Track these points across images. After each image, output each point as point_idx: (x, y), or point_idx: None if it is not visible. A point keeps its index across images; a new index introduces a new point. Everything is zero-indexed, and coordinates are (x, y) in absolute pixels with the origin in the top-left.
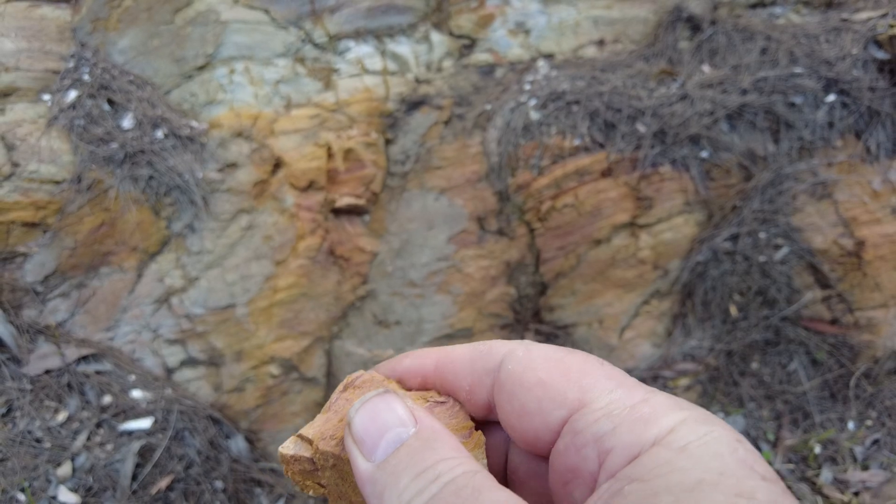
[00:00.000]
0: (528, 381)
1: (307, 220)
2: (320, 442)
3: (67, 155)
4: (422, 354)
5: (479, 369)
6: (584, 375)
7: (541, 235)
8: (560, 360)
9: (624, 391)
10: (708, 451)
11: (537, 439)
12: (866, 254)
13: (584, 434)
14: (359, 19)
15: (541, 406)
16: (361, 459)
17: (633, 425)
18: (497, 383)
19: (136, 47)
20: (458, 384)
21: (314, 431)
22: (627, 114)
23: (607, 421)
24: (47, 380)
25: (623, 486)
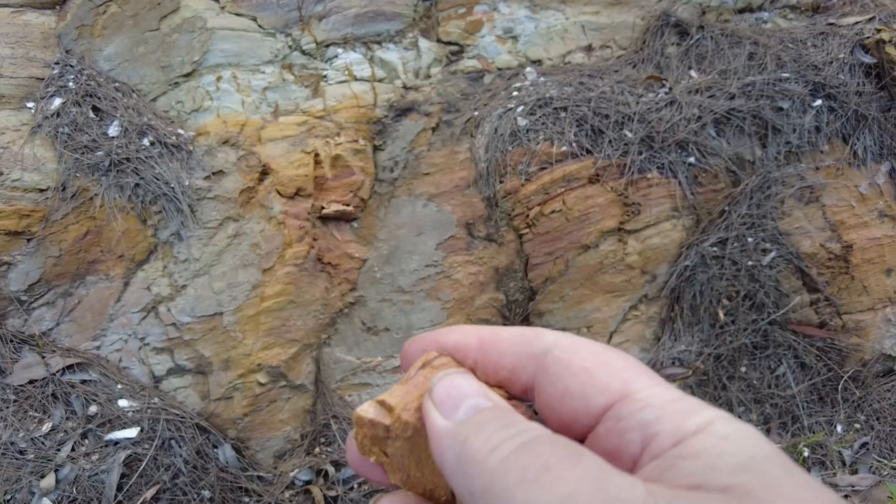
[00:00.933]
0: (574, 367)
1: (295, 228)
2: (402, 411)
3: (52, 163)
4: (466, 331)
5: (524, 353)
6: (625, 370)
7: (529, 241)
8: (603, 353)
9: (662, 388)
10: (749, 440)
11: (575, 422)
12: (854, 257)
13: (629, 420)
14: (346, 26)
15: (585, 391)
16: (441, 418)
17: (675, 416)
18: (542, 367)
19: (122, 54)
20: (501, 363)
21: (397, 400)
22: (615, 120)
23: (650, 410)
24: (31, 390)
25: (674, 462)
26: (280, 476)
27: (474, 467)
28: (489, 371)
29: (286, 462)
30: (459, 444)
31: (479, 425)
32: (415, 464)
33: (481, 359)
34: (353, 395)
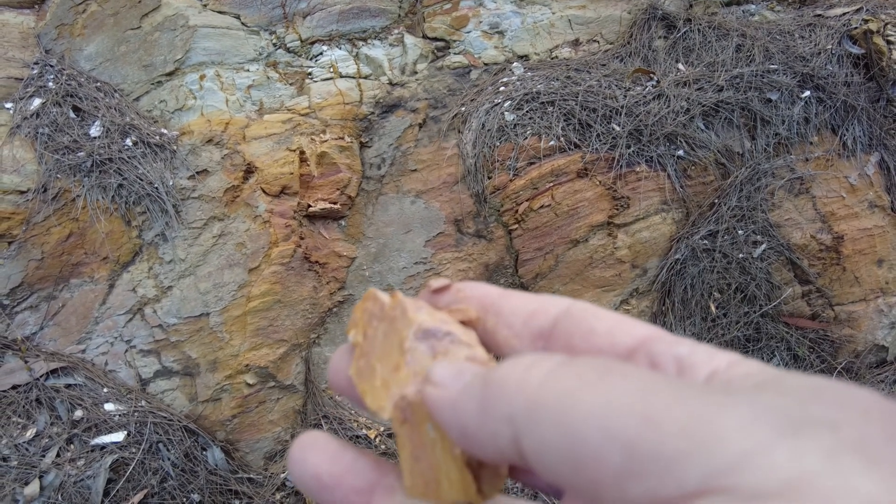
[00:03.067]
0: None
1: (280, 227)
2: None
3: (32, 164)
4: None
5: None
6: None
7: (518, 237)
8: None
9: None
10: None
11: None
12: (845, 248)
13: (662, 355)
14: (331, 23)
15: (611, 331)
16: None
17: (705, 352)
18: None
19: (103, 53)
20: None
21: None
22: (603, 113)
23: (683, 347)
24: (14, 395)
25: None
26: (270, 478)
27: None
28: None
29: (276, 463)
30: (480, 385)
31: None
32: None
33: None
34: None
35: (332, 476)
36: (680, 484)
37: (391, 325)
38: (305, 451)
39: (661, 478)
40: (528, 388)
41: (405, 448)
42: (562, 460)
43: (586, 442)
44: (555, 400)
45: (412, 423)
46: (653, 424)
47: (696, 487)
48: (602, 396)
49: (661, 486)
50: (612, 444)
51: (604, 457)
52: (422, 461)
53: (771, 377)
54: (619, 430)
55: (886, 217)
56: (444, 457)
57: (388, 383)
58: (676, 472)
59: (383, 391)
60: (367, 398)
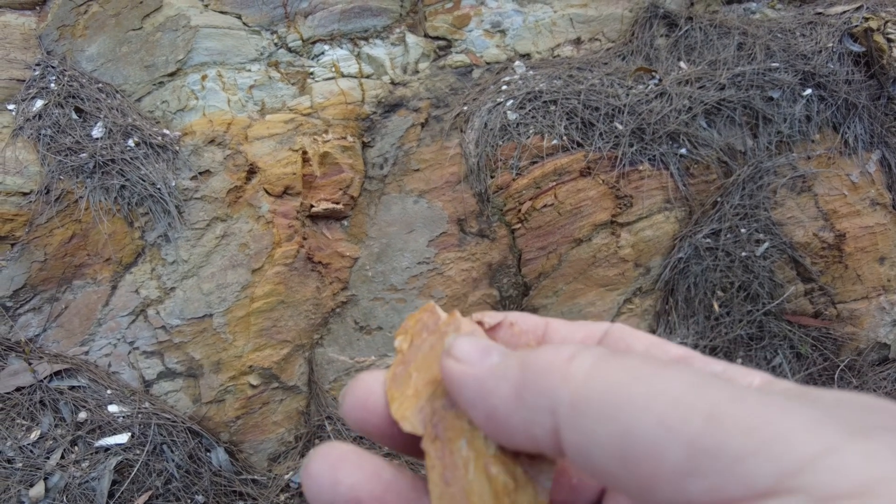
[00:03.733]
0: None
1: (283, 227)
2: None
3: (34, 166)
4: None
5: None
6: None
7: (521, 236)
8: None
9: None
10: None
11: None
12: (847, 246)
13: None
14: (333, 23)
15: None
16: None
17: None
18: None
19: (105, 54)
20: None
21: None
22: (605, 112)
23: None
24: (19, 397)
25: None
26: (274, 479)
27: (552, 379)
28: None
29: (280, 464)
30: (517, 368)
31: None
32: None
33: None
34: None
35: (373, 499)
36: (748, 483)
37: (440, 339)
38: (337, 468)
39: (725, 477)
40: (574, 379)
41: (434, 469)
42: (611, 456)
43: (642, 437)
44: (605, 392)
45: (444, 441)
46: (716, 422)
47: (766, 487)
48: (658, 391)
49: (725, 484)
50: (673, 441)
51: (663, 453)
52: (452, 485)
53: (811, 391)
54: (680, 426)
55: (888, 215)
56: (477, 478)
57: (420, 394)
58: (743, 471)
59: (412, 401)
60: (393, 404)
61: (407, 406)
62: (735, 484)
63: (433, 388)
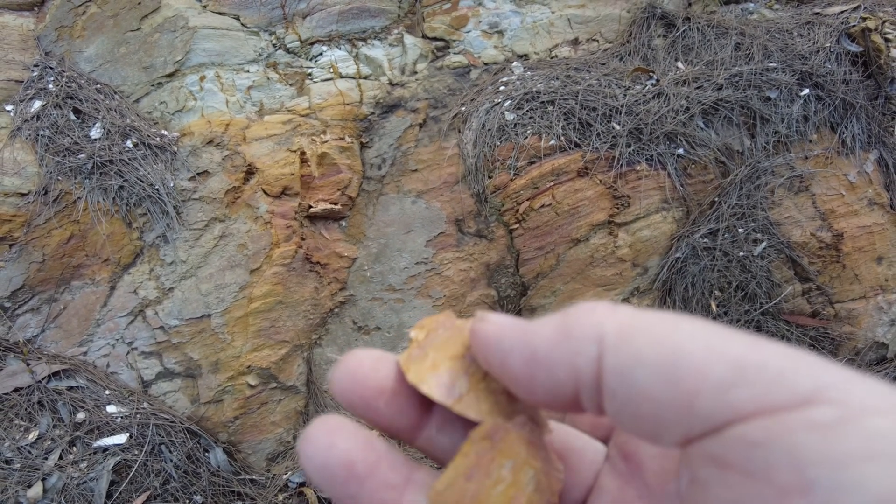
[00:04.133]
0: None
1: (281, 228)
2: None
3: (33, 166)
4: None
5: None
6: None
7: (519, 236)
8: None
9: None
10: None
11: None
12: (844, 246)
13: None
14: (331, 23)
15: None
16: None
17: None
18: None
19: (103, 55)
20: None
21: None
22: (603, 112)
23: None
24: (17, 398)
25: None
26: (273, 479)
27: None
28: None
29: (279, 464)
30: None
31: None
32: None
33: None
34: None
35: (367, 465)
36: (789, 392)
37: (457, 332)
38: (334, 434)
39: (768, 386)
40: (622, 314)
41: (464, 460)
42: (657, 373)
43: (690, 355)
44: (653, 323)
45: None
46: (757, 347)
47: (806, 396)
48: (702, 325)
49: (768, 392)
50: (718, 358)
51: (708, 368)
52: (473, 482)
53: None
54: (725, 347)
55: (886, 214)
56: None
57: (438, 365)
58: (785, 382)
59: (430, 370)
60: (409, 373)
61: (424, 371)
62: (777, 392)
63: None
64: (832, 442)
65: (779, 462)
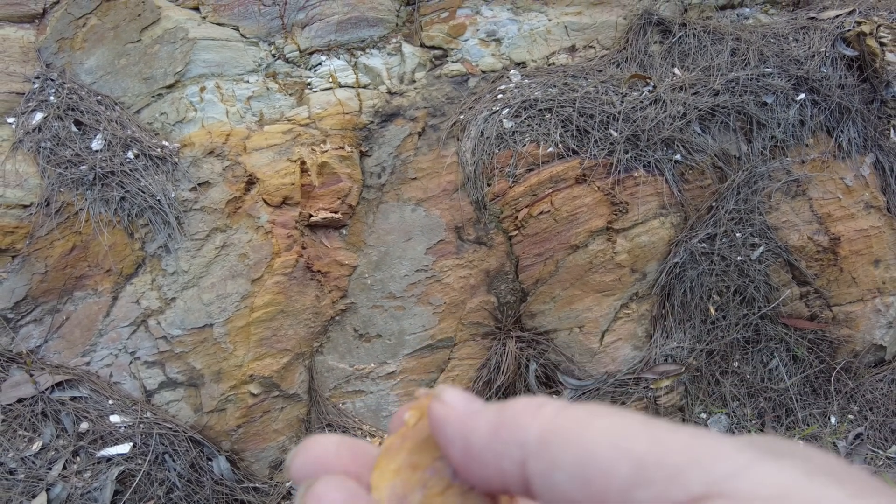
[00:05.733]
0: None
1: (282, 237)
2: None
3: (35, 178)
4: None
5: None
6: None
7: (519, 243)
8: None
9: None
10: None
11: None
12: (842, 249)
13: None
14: (329, 33)
15: None
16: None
17: None
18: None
19: (104, 67)
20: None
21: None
22: (600, 119)
23: None
24: (20, 409)
25: None
26: (276, 487)
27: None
28: None
29: (282, 472)
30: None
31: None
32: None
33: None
34: (347, 403)
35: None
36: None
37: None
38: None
39: (667, 485)
40: (543, 418)
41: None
42: (571, 476)
43: (597, 457)
44: (568, 426)
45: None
46: (659, 442)
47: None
48: (612, 423)
49: (666, 491)
50: (622, 458)
51: (614, 469)
52: None
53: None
54: (628, 446)
55: (882, 218)
56: None
57: (400, 474)
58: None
59: (391, 476)
60: (375, 471)
61: (384, 478)
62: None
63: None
64: None
65: None
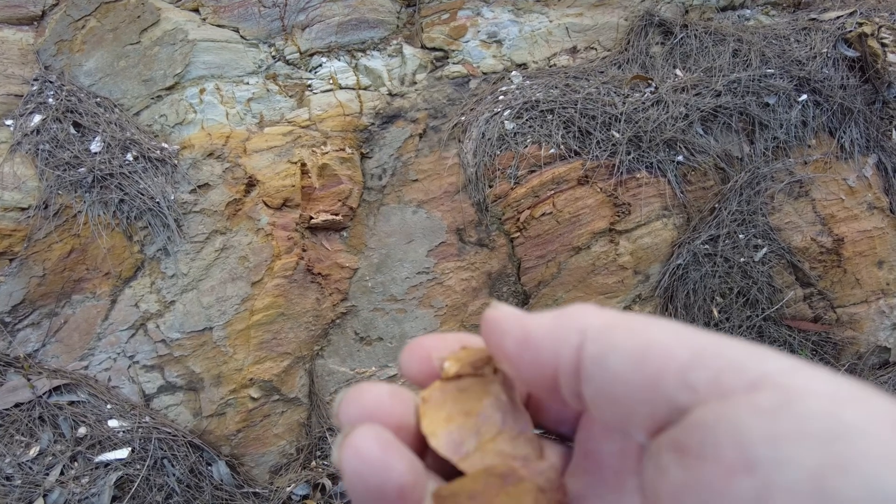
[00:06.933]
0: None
1: (283, 239)
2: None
3: (33, 181)
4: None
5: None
6: None
7: (520, 245)
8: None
9: None
10: None
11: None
12: (845, 250)
13: None
14: (330, 35)
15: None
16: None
17: None
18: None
19: (103, 69)
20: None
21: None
22: (602, 121)
23: None
24: (17, 413)
25: None
26: (276, 491)
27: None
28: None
29: (282, 477)
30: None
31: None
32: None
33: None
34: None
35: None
36: (741, 376)
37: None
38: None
39: (723, 371)
40: (609, 313)
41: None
42: (628, 357)
43: (658, 342)
44: (633, 319)
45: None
46: (717, 339)
47: (755, 380)
48: (676, 323)
49: (723, 375)
50: (682, 344)
51: (673, 352)
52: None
53: None
54: (690, 336)
55: (886, 218)
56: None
57: (452, 419)
58: (738, 367)
59: (444, 423)
60: (424, 420)
61: (438, 426)
62: (729, 377)
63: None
64: (772, 423)
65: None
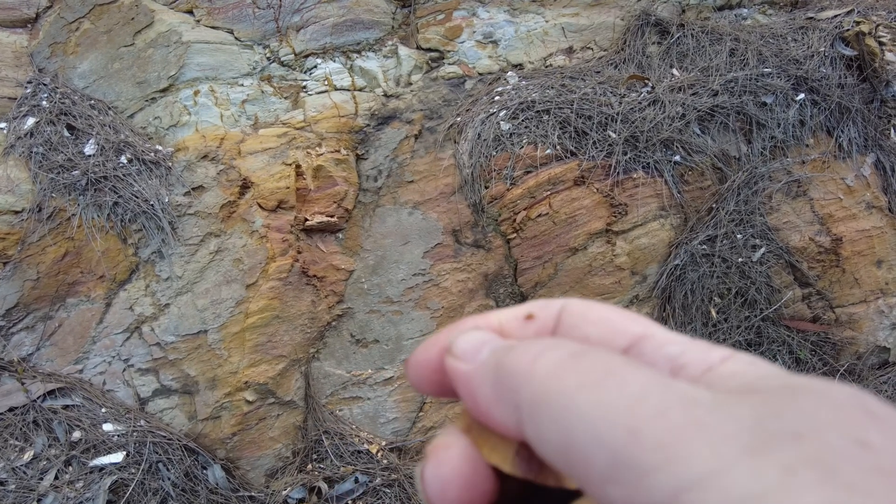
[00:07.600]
0: (592, 316)
1: (277, 241)
2: None
3: (26, 184)
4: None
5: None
6: (640, 319)
7: (517, 246)
8: (615, 308)
9: (676, 333)
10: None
11: None
12: (844, 250)
13: (654, 354)
14: (325, 36)
15: (603, 335)
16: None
17: (699, 350)
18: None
19: (97, 71)
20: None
21: None
22: (598, 121)
23: (674, 346)
24: (11, 418)
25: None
26: (272, 495)
27: (517, 379)
28: None
29: (278, 480)
30: (493, 367)
31: (512, 347)
32: None
33: None
34: (344, 410)
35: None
36: (650, 495)
37: None
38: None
39: (636, 487)
40: (535, 381)
41: None
42: (558, 453)
43: (578, 443)
44: (555, 397)
45: None
46: (635, 436)
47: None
48: (597, 401)
49: (636, 494)
50: (600, 450)
51: (591, 460)
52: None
53: (754, 378)
54: (606, 437)
55: (884, 218)
56: None
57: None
58: (649, 483)
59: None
60: (483, 449)
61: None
62: (642, 495)
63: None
64: None
65: None
